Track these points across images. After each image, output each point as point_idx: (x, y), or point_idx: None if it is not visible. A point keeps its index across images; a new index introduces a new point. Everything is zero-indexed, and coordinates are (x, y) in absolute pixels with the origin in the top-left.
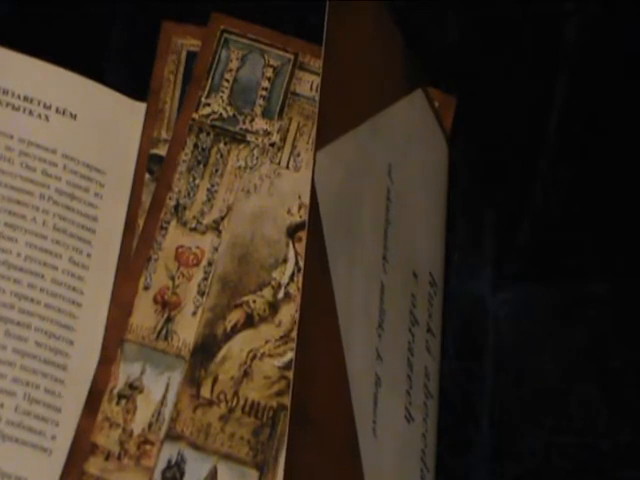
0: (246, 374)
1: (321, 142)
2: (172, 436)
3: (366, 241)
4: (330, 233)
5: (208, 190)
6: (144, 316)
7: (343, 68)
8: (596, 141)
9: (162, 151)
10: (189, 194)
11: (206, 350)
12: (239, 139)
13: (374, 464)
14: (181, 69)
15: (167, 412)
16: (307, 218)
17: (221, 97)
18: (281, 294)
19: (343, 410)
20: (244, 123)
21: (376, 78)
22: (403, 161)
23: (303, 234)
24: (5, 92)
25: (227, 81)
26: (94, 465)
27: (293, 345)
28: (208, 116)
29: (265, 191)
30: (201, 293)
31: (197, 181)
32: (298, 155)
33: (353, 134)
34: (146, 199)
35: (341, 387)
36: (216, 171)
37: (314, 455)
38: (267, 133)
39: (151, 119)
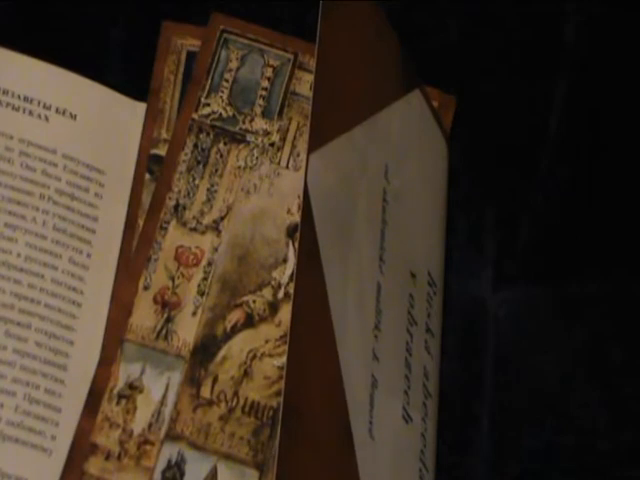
0: (246, 374)
1: (314, 144)
2: (172, 436)
3: (361, 242)
4: (323, 235)
5: (208, 190)
6: (144, 316)
7: (337, 69)
8: (596, 141)
9: (162, 151)
10: (189, 194)
11: (206, 350)
12: (239, 139)
13: (370, 465)
14: (181, 69)
15: (167, 412)
16: (300, 221)
17: (221, 97)
18: (281, 294)
19: (337, 411)
20: (244, 123)
21: (372, 79)
22: (400, 162)
23: None
24: (5, 92)
25: (227, 81)
26: (94, 465)
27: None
28: (208, 116)
29: (265, 191)
30: (201, 293)
31: (197, 181)
32: (298, 155)
33: (348, 136)
34: (146, 199)
35: (335, 389)
36: (216, 171)
37: (307, 457)
38: (267, 133)
39: (151, 119)
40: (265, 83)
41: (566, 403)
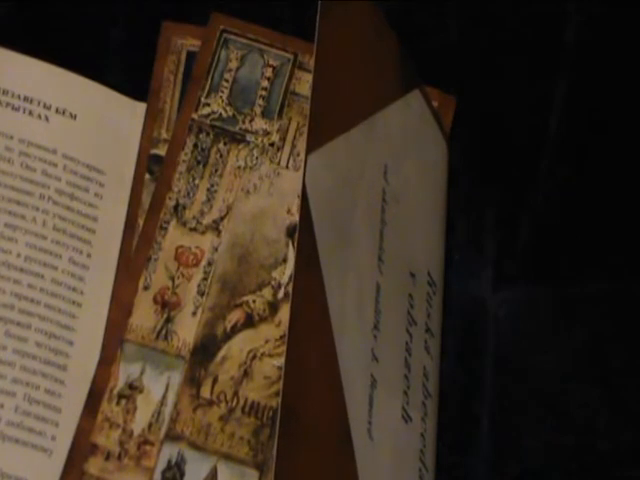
0: (246, 374)
1: (313, 145)
2: (172, 436)
3: (360, 242)
4: (322, 235)
5: (208, 190)
6: (144, 316)
7: (335, 70)
8: (596, 141)
9: (162, 151)
10: (189, 194)
11: (206, 350)
12: (239, 139)
13: (369, 465)
14: (181, 69)
15: (167, 412)
16: (298, 221)
17: (220, 97)
18: (281, 294)
19: (336, 412)
20: (244, 123)
21: (371, 79)
22: (400, 162)
23: None
24: (5, 92)
25: (226, 81)
26: (94, 465)
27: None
28: (208, 116)
29: (265, 191)
30: (201, 293)
31: (197, 181)
32: (298, 155)
33: (347, 136)
34: (146, 199)
35: (334, 389)
36: (216, 171)
37: (305, 458)
38: (267, 133)
39: (151, 119)
40: (265, 83)
41: (566, 403)
